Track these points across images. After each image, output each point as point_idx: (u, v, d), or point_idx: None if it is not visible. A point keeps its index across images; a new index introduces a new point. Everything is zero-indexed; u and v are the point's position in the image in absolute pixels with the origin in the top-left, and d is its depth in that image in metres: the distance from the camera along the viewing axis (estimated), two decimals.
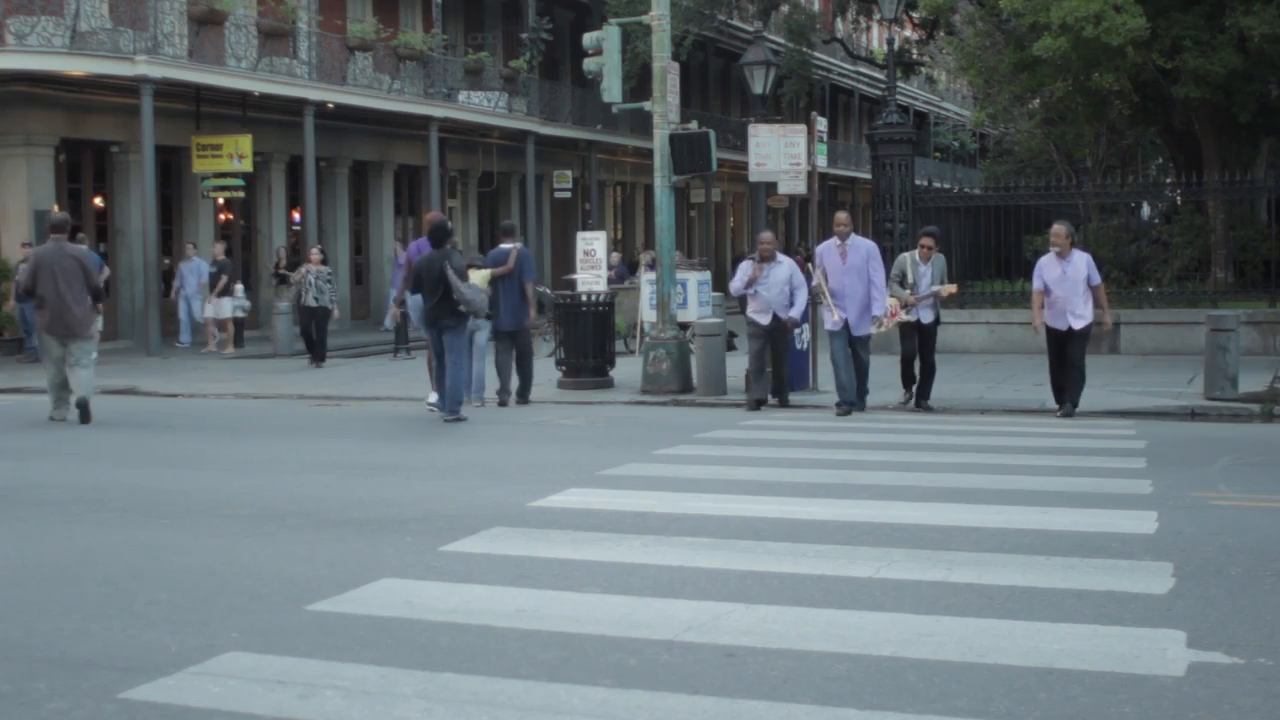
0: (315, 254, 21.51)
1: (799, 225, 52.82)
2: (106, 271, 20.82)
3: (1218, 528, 7.50)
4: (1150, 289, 21.76)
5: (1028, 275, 23.15)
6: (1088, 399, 14.27)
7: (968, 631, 5.41)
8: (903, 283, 14.14)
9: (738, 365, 15.74)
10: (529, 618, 5.70)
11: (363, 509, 8.33)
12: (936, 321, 14.33)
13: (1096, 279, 13.11)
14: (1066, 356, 13.19)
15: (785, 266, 14.13)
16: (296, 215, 29.24)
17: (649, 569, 6.54)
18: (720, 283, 23.32)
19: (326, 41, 28.53)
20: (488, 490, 8.95)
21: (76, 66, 22.61)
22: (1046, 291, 13.09)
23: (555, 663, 5.06)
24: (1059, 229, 13.17)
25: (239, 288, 26.09)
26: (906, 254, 14.48)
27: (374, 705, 4.60)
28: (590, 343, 16.36)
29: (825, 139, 16.88)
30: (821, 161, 16.56)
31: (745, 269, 14.12)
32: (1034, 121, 34.94)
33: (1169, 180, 31.66)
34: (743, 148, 20.79)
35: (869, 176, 27.58)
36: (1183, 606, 5.80)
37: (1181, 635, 5.33)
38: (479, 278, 14.06)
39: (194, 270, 24.46)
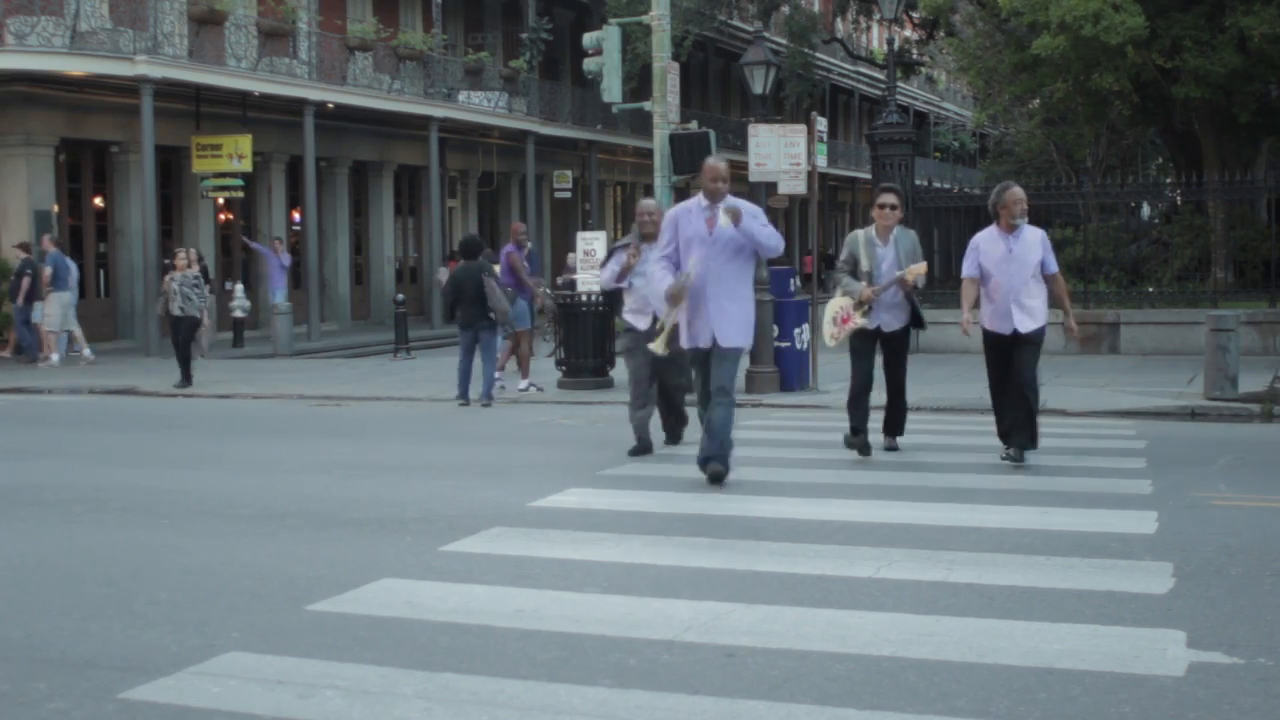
0: (181, 258, 18.40)
1: (799, 225, 52.83)
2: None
3: (1218, 528, 7.49)
4: (1150, 289, 21.77)
5: None
6: (1088, 399, 14.23)
7: (968, 631, 5.41)
8: (855, 272, 10.28)
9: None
10: (529, 618, 5.70)
11: (363, 509, 8.33)
12: (909, 328, 10.43)
13: (1053, 265, 9.77)
14: (1012, 373, 9.74)
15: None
16: (296, 215, 29.25)
17: (649, 569, 6.54)
18: None
19: (326, 41, 28.54)
20: (488, 490, 8.95)
21: (76, 66, 22.62)
22: (983, 279, 9.80)
23: (555, 663, 5.06)
24: (1015, 194, 9.81)
25: (239, 288, 26.12)
26: (859, 231, 10.43)
27: (374, 705, 4.59)
28: (590, 343, 16.36)
29: (825, 139, 16.88)
30: (821, 161, 16.55)
31: (620, 256, 10.69)
32: (1034, 122, 34.96)
33: (1169, 180, 31.67)
34: (743, 148, 20.79)
35: (869, 176, 27.60)
36: (1183, 606, 5.80)
37: (1181, 635, 5.33)
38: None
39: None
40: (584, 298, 16.38)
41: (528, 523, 7.85)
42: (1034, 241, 9.74)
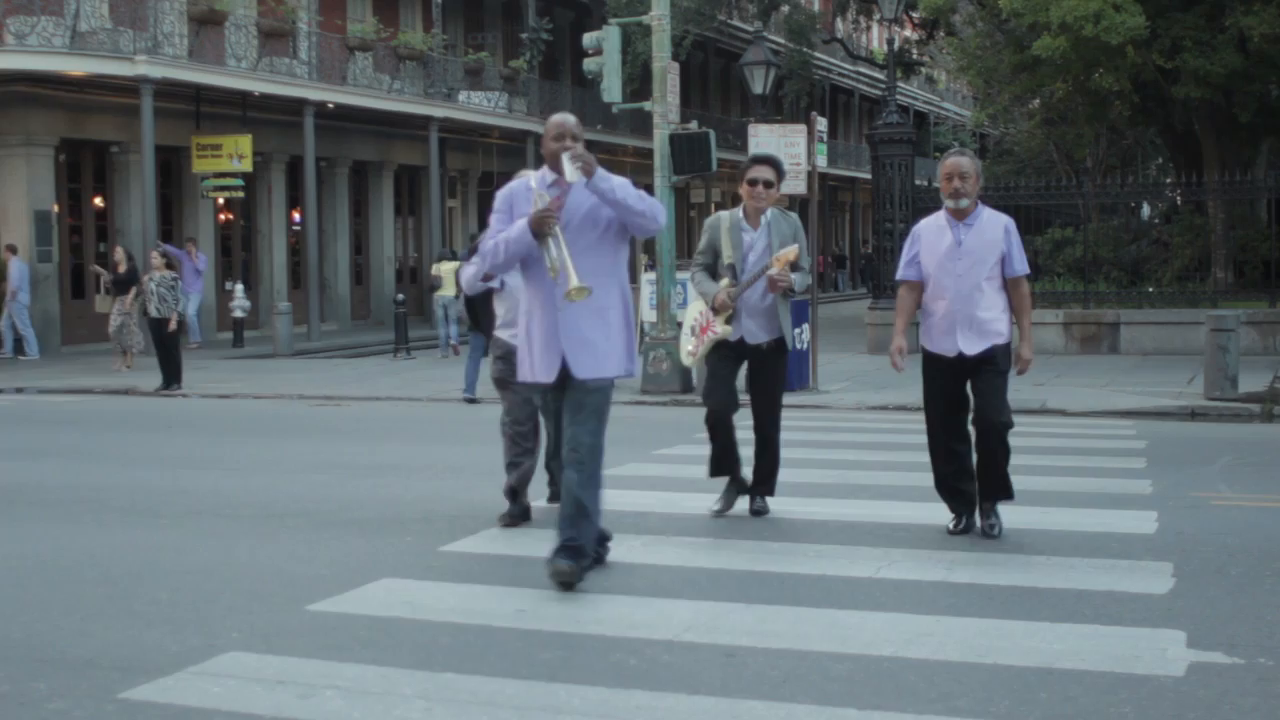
0: (156, 258, 18.13)
1: None
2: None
3: (1218, 528, 7.49)
4: (1150, 289, 21.76)
5: (1027, 275, 23.22)
6: (1088, 399, 14.22)
7: (968, 631, 5.40)
8: (713, 267, 7.87)
9: None
10: (529, 618, 5.70)
11: (363, 509, 8.33)
12: (784, 346, 7.86)
13: (1020, 265, 7.24)
14: (974, 408, 7.21)
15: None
16: (296, 215, 29.25)
17: (649, 569, 6.54)
18: None
19: (326, 41, 28.53)
20: (488, 490, 8.94)
21: (76, 66, 22.62)
22: (923, 283, 7.30)
23: (555, 663, 5.06)
24: (955, 163, 7.24)
25: (239, 288, 26.12)
26: (722, 214, 7.94)
27: (374, 705, 4.59)
28: None
29: (825, 139, 16.88)
30: (821, 161, 16.55)
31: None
32: (1034, 122, 34.94)
33: (1169, 180, 31.66)
34: (743, 148, 20.81)
35: (869, 176, 27.60)
36: (1183, 606, 5.80)
37: (1181, 635, 5.32)
38: (448, 270, 14.19)
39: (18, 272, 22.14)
40: None
41: (527, 523, 7.84)
42: (994, 232, 7.15)
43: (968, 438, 7.30)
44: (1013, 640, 5.29)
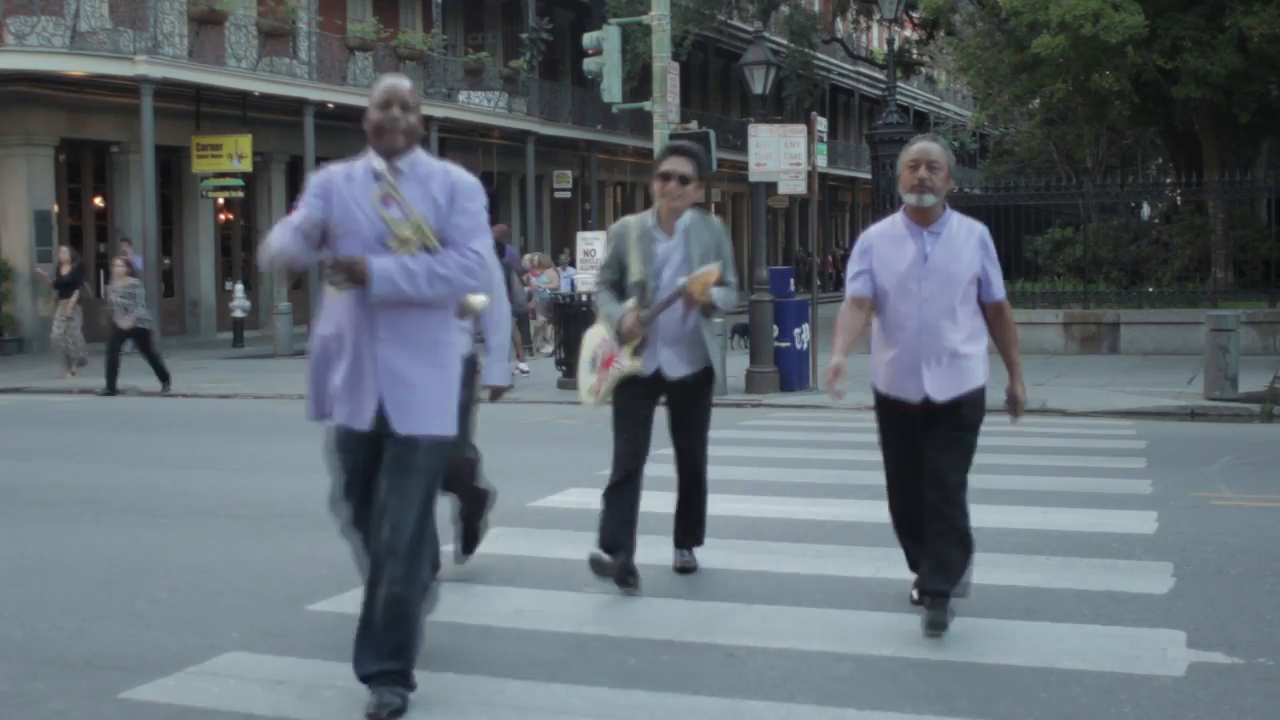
0: (120, 265, 17.43)
1: (799, 225, 52.85)
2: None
3: (1218, 528, 7.49)
4: (1150, 289, 21.77)
5: (1027, 275, 23.39)
6: (1088, 399, 14.22)
7: (968, 631, 5.40)
8: (620, 285, 6.30)
9: (737, 365, 15.71)
10: (529, 618, 5.70)
11: None
12: (711, 377, 6.33)
13: (998, 289, 5.66)
14: (931, 467, 5.55)
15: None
16: None
17: (648, 569, 6.54)
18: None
19: (326, 41, 28.54)
20: None
21: (76, 66, 22.62)
22: (876, 303, 5.68)
23: (555, 663, 5.06)
24: (924, 148, 5.59)
25: (239, 288, 26.11)
26: (629, 218, 6.43)
27: None
28: None
29: (825, 139, 16.88)
30: (821, 161, 16.55)
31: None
32: (1034, 122, 34.96)
33: (1169, 180, 31.67)
34: (743, 148, 20.79)
35: (869, 176, 27.63)
36: (1183, 606, 5.80)
37: (1181, 635, 5.33)
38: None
39: None
40: (585, 298, 16.39)
41: (528, 523, 7.85)
42: (967, 244, 5.55)
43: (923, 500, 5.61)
44: (1013, 640, 5.29)
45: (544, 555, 6.91)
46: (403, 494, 4.48)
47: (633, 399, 6.21)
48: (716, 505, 8.24)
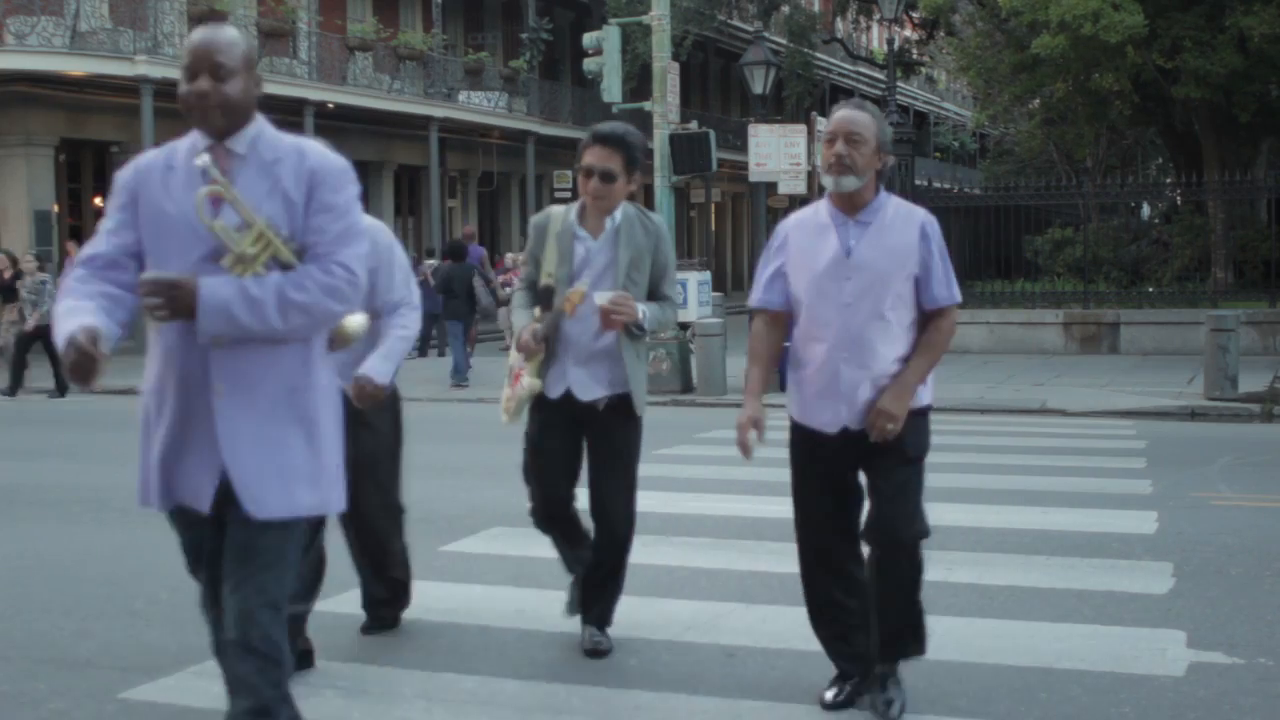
0: (29, 260, 17.09)
1: None
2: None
3: (1218, 528, 7.49)
4: (1150, 289, 21.77)
5: (1028, 275, 23.40)
6: (1088, 399, 14.22)
7: (968, 631, 5.41)
8: (534, 290, 5.33)
9: (738, 365, 15.69)
10: (529, 618, 5.70)
11: None
12: (631, 407, 5.18)
13: (948, 289, 4.50)
14: (870, 517, 4.54)
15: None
16: None
17: (649, 569, 6.54)
18: (719, 283, 23.30)
19: (326, 41, 28.54)
20: (488, 490, 8.94)
21: (76, 66, 22.62)
22: (790, 313, 4.62)
23: (555, 663, 5.06)
24: (845, 118, 4.45)
25: None
26: (553, 209, 5.43)
27: (374, 705, 4.59)
28: None
29: None
30: None
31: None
32: (1034, 122, 34.95)
33: (1169, 180, 31.68)
34: (743, 148, 20.80)
35: None
36: (1183, 606, 5.80)
37: (1181, 635, 5.33)
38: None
39: None
40: None
41: (527, 523, 7.83)
42: (903, 236, 4.47)
43: (863, 559, 4.57)
44: (1013, 640, 5.29)
45: (544, 555, 6.90)
46: (255, 586, 3.40)
47: (546, 430, 5.17)
48: (717, 505, 8.25)
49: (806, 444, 4.53)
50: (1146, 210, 33.97)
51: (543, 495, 5.33)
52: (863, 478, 4.53)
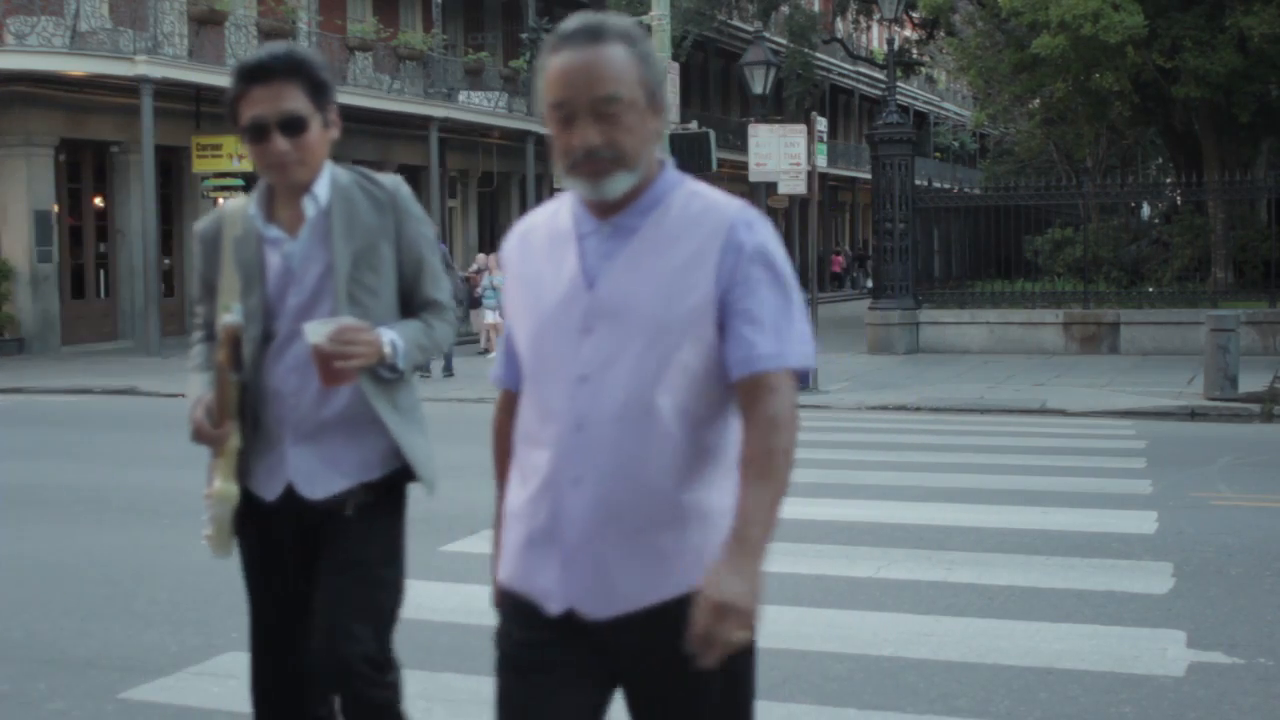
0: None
1: (799, 225, 52.84)
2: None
3: (1218, 528, 7.49)
4: (1150, 289, 21.78)
5: (1028, 275, 23.40)
6: (1088, 399, 14.24)
7: (968, 631, 5.40)
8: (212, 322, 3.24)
9: None
10: None
11: None
12: (397, 484, 3.33)
13: (775, 345, 2.31)
14: None
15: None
16: None
17: None
18: None
19: (326, 41, 28.54)
20: (488, 490, 8.91)
21: (76, 66, 22.62)
22: (510, 389, 2.59)
23: None
24: (577, 66, 2.27)
25: None
26: (231, 204, 3.31)
27: None
28: None
29: (825, 139, 16.89)
30: (821, 161, 16.57)
31: None
32: (1034, 121, 34.97)
33: (1169, 180, 31.69)
34: (743, 148, 20.80)
35: (869, 176, 27.63)
36: (1183, 606, 5.80)
37: (1181, 635, 5.33)
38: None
39: None
40: None
41: None
42: (690, 251, 2.34)
43: None
44: (1012, 640, 5.29)
45: None
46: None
47: (263, 559, 3.23)
48: None
49: (522, 630, 2.44)
50: (1146, 210, 33.97)
51: (262, 665, 3.24)
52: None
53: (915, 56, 43.76)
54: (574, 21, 2.34)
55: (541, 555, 2.40)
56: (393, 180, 3.35)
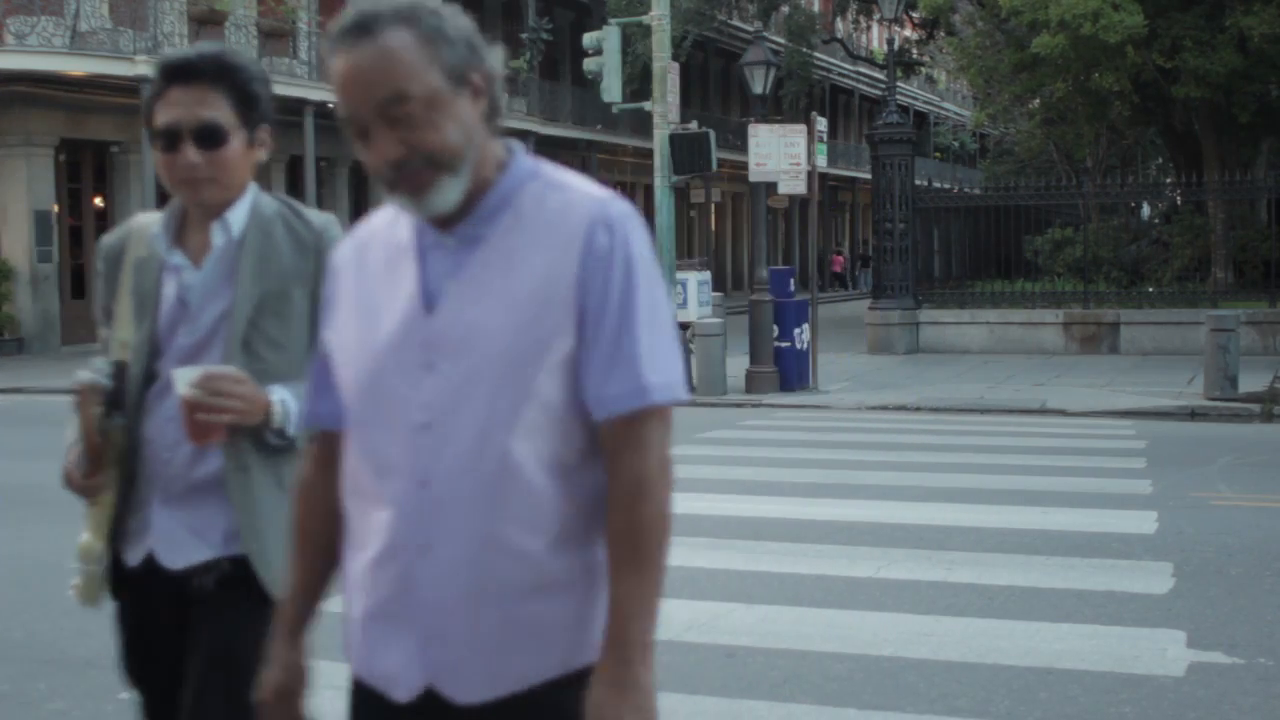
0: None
1: (799, 225, 52.86)
2: None
3: (1218, 528, 7.49)
4: (1150, 289, 21.77)
5: (1028, 275, 23.39)
6: (1088, 399, 14.24)
7: (968, 631, 5.40)
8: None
9: (738, 365, 15.72)
10: None
11: None
12: (251, 582, 2.67)
13: (635, 385, 1.90)
14: None
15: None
16: None
17: None
18: (719, 283, 23.31)
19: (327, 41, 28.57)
20: None
21: (76, 66, 22.62)
22: (330, 429, 2.13)
23: None
24: (364, 63, 1.88)
25: None
26: (140, 219, 2.96)
27: None
28: None
29: (825, 139, 16.89)
30: (821, 161, 16.56)
31: None
32: (1034, 121, 34.96)
33: (1169, 180, 31.69)
34: (743, 148, 20.80)
35: (869, 176, 27.64)
36: (1183, 606, 5.80)
37: (1181, 635, 5.33)
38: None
39: None
40: None
41: None
42: (546, 259, 1.92)
43: None
44: (1012, 640, 5.29)
45: None
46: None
47: (135, 632, 2.83)
48: (716, 505, 8.25)
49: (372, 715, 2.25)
50: (1146, 210, 33.97)
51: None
52: None
53: (915, 56, 43.78)
54: (345, 17, 1.94)
55: (385, 633, 2.09)
56: (323, 219, 2.92)
